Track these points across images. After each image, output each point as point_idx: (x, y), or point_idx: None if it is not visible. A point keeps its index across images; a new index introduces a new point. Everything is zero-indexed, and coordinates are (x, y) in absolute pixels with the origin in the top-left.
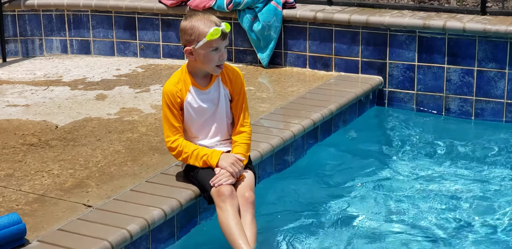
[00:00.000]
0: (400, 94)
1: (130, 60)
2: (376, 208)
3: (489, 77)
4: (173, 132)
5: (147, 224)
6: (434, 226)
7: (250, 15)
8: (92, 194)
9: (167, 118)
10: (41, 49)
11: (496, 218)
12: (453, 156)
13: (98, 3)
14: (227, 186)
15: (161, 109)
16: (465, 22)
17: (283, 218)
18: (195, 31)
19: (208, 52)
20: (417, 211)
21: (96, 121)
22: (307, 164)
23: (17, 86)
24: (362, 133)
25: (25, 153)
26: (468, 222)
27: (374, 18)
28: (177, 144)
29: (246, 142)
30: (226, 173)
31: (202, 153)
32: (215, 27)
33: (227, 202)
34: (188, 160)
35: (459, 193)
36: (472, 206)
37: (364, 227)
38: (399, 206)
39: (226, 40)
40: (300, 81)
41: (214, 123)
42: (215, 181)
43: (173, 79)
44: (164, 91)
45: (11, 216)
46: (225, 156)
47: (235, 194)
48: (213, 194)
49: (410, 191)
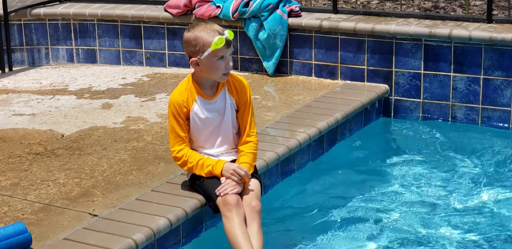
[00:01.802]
0: (406, 102)
1: (136, 69)
2: (382, 217)
3: (495, 85)
4: (179, 142)
5: (153, 233)
6: (442, 238)
7: (256, 24)
8: (98, 203)
9: (173, 128)
10: (47, 58)
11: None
12: (461, 165)
13: (104, 12)
14: (233, 195)
15: (167, 118)
16: (471, 30)
17: (290, 227)
18: (199, 42)
19: (214, 61)
20: (423, 221)
21: (102, 130)
22: (312, 172)
23: (23, 95)
24: (368, 142)
25: (31, 162)
26: (477, 231)
27: (380, 27)
28: (182, 153)
29: (252, 151)
30: (232, 183)
31: (207, 163)
32: (219, 36)
33: (233, 211)
34: (193, 170)
35: (466, 202)
36: (482, 218)
37: (369, 236)
38: (405, 216)
39: (230, 48)
40: (305, 90)
41: (220, 133)
42: (221, 190)
43: (179, 89)
44: (170, 101)
45: (16, 226)
46: (228, 165)
47: (241, 203)
48: (219, 203)
49: (416, 201)
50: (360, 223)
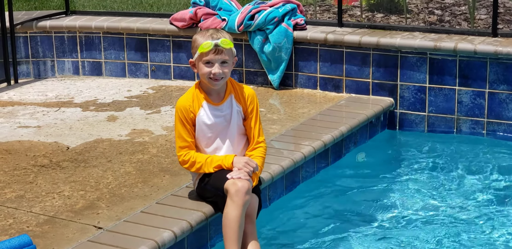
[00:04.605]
0: (411, 116)
1: (141, 82)
2: (387, 231)
3: (500, 99)
4: (185, 147)
5: (158, 246)
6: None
7: (261, 37)
8: (103, 215)
9: (180, 134)
10: (53, 71)
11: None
12: (466, 178)
13: (110, 25)
14: (246, 182)
15: (172, 130)
16: (476, 44)
17: (294, 239)
18: (194, 44)
19: (201, 64)
20: (427, 233)
21: (107, 143)
22: (317, 186)
23: (28, 108)
24: (373, 155)
25: (36, 174)
26: (481, 243)
27: (385, 40)
28: (189, 156)
29: (262, 155)
30: (244, 172)
31: (216, 159)
32: (206, 41)
33: (241, 197)
34: (202, 168)
35: (470, 215)
36: (487, 232)
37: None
38: (410, 229)
39: (222, 55)
40: (310, 103)
41: (226, 140)
42: (233, 174)
43: (186, 95)
44: (177, 107)
45: (21, 238)
46: (239, 158)
47: (250, 190)
48: (228, 186)
49: (420, 214)
50: (364, 235)
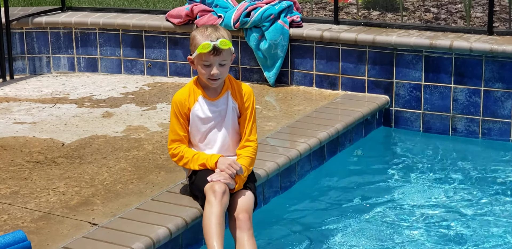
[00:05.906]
0: (407, 113)
1: (137, 78)
2: (383, 229)
3: (496, 97)
4: (176, 140)
5: (152, 243)
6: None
7: (257, 34)
8: (98, 212)
9: (173, 127)
10: (48, 67)
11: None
12: (460, 177)
13: (105, 21)
14: (222, 184)
15: (168, 127)
16: (472, 42)
17: (289, 237)
18: (193, 42)
19: (200, 65)
20: (422, 233)
21: (102, 139)
22: (312, 183)
23: (24, 104)
24: (369, 153)
25: (31, 170)
26: (476, 241)
27: (380, 38)
28: (178, 150)
29: (250, 155)
30: (225, 174)
31: (202, 156)
32: (205, 42)
33: (217, 198)
34: (188, 164)
35: (464, 212)
36: (481, 230)
37: (370, 246)
38: (405, 228)
39: (221, 56)
40: (306, 100)
41: (219, 135)
42: (213, 177)
43: (183, 90)
44: (173, 100)
45: (16, 234)
46: (223, 159)
47: (227, 193)
48: (206, 190)
49: (416, 213)
50: (360, 233)
